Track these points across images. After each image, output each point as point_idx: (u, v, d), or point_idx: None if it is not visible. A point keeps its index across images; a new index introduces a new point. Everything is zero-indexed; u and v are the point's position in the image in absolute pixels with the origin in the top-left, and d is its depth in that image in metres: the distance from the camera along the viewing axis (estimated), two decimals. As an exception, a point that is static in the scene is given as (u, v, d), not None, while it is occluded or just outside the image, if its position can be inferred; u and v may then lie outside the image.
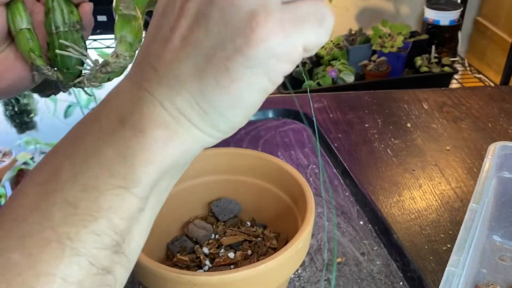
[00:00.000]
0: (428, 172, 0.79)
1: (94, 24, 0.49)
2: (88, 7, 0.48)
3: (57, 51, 0.46)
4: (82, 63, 0.47)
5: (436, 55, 1.79)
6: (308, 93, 1.03)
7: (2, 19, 0.45)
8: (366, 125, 0.91)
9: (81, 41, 0.47)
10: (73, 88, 0.49)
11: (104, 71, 0.45)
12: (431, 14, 1.86)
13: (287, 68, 0.29)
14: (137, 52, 0.43)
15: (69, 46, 0.46)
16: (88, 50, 0.48)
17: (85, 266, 0.27)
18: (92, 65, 0.46)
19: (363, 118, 0.94)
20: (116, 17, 0.46)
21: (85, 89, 0.50)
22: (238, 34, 0.27)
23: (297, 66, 0.31)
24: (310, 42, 0.29)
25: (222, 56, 0.28)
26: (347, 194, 0.73)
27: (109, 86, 0.42)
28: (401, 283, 0.58)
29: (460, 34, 1.93)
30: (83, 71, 0.47)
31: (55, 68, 0.47)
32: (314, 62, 1.71)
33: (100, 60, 0.46)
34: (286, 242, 0.48)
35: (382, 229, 0.65)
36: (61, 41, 0.46)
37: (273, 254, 0.44)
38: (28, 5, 0.47)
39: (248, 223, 0.61)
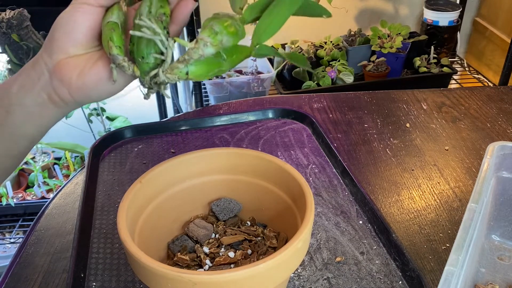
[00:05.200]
0: (427, 172, 0.79)
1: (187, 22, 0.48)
2: (189, 4, 0.46)
3: (131, 31, 0.43)
4: (160, 54, 0.44)
5: (435, 55, 1.79)
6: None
7: (99, 19, 0.46)
8: (366, 125, 0.92)
9: (164, 31, 0.43)
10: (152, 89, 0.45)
11: (181, 60, 0.41)
12: (430, 15, 1.87)
13: None
14: (225, 44, 0.41)
15: (143, 26, 0.42)
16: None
17: None
18: (165, 48, 0.42)
19: (362, 118, 0.94)
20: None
21: (166, 92, 0.45)
22: None
23: (297, 67, 0.32)
24: None
25: None
26: (346, 193, 0.73)
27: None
28: (400, 282, 0.59)
29: (459, 35, 1.93)
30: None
31: (132, 62, 0.44)
32: (314, 63, 1.71)
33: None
34: (286, 242, 0.48)
35: (381, 228, 0.65)
36: (136, 20, 0.43)
37: (273, 254, 0.45)
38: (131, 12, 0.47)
39: (248, 223, 0.61)
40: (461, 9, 1.88)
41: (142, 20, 0.42)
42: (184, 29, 1.46)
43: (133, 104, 1.90)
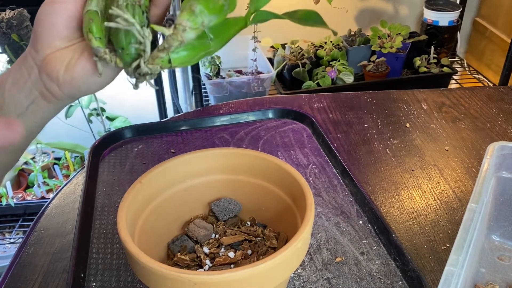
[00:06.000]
0: (427, 172, 0.79)
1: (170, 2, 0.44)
2: None
3: (106, 23, 0.40)
4: (139, 44, 0.41)
5: (435, 55, 1.79)
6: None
7: (79, 8, 0.44)
8: (366, 125, 0.92)
9: (142, 17, 0.40)
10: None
11: (161, 48, 0.38)
12: (430, 15, 1.87)
13: None
14: (206, 28, 0.38)
15: (117, 15, 0.39)
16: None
17: None
18: (142, 38, 0.39)
19: (362, 118, 0.94)
20: None
21: (150, 81, 0.42)
22: None
23: (297, 66, 0.32)
24: None
25: None
26: (346, 193, 0.73)
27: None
28: (400, 282, 0.59)
29: (459, 35, 1.93)
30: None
31: (114, 53, 0.42)
32: (314, 63, 1.71)
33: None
34: (286, 242, 0.48)
35: (381, 228, 0.65)
36: (110, 10, 0.40)
37: (273, 254, 0.45)
38: None
39: (248, 223, 0.61)
40: (461, 9, 1.88)
41: (113, 10, 0.39)
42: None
43: (133, 104, 1.90)
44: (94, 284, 0.59)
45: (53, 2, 0.44)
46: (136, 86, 0.43)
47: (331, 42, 1.80)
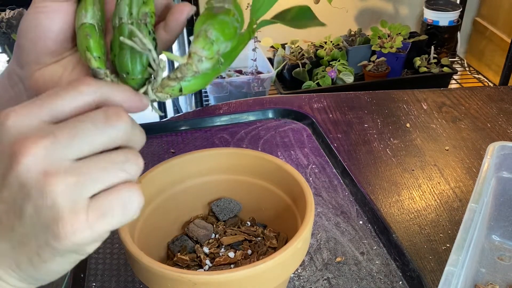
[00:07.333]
0: (427, 172, 0.79)
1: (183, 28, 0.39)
2: (184, 9, 0.38)
3: (121, 38, 0.35)
4: (146, 67, 0.37)
5: (435, 55, 1.79)
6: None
7: (69, 17, 0.38)
8: (366, 125, 0.92)
9: (149, 37, 0.36)
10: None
11: (173, 77, 0.35)
12: (430, 15, 1.87)
13: (97, 245, 0.33)
14: (224, 51, 0.34)
15: (131, 34, 0.35)
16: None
17: None
18: (155, 64, 0.35)
19: (362, 118, 0.94)
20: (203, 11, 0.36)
21: (154, 104, 0.39)
22: (48, 230, 0.30)
23: (297, 66, 0.31)
24: (117, 223, 0.32)
25: (35, 244, 0.31)
26: (346, 193, 0.73)
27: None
28: (400, 282, 0.59)
29: (459, 35, 1.93)
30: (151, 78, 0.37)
31: (116, 75, 0.38)
32: (314, 63, 1.71)
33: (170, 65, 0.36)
34: (286, 242, 0.48)
35: (382, 228, 0.65)
36: (118, 22, 0.36)
37: (273, 254, 0.45)
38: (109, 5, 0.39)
39: (248, 223, 0.61)
40: (461, 9, 1.88)
41: (130, 27, 0.35)
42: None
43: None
44: (94, 284, 0.59)
45: (37, 12, 0.38)
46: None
47: (331, 42, 1.80)
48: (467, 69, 1.97)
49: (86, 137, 0.30)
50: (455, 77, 1.84)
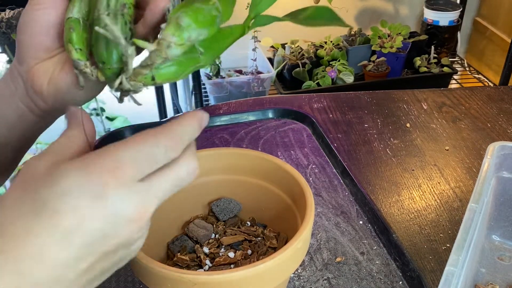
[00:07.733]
0: (427, 172, 0.79)
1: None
2: (161, 2, 0.38)
3: (96, 28, 0.36)
4: (121, 57, 0.37)
5: (435, 55, 1.79)
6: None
7: (62, 14, 0.40)
8: (366, 125, 0.92)
9: (125, 28, 0.37)
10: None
11: (144, 65, 0.35)
12: (430, 15, 1.87)
13: None
14: (195, 42, 0.34)
15: (105, 24, 0.35)
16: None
17: None
18: (124, 50, 0.35)
19: (362, 118, 0.94)
20: None
21: (134, 95, 0.39)
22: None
23: (297, 66, 0.31)
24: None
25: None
26: (346, 193, 0.73)
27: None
28: (400, 282, 0.59)
29: (459, 35, 1.93)
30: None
31: (96, 67, 0.39)
32: (314, 63, 1.71)
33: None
34: (286, 242, 0.48)
35: (382, 228, 0.65)
36: (98, 16, 0.36)
37: (273, 254, 0.45)
38: None
39: (248, 223, 0.61)
40: (461, 9, 1.88)
41: (103, 17, 0.36)
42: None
43: (133, 104, 1.90)
44: (94, 284, 0.58)
45: (34, 9, 0.40)
46: (120, 100, 0.40)
47: (331, 42, 1.80)
48: (467, 69, 1.97)
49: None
50: (455, 77, 1.84)
